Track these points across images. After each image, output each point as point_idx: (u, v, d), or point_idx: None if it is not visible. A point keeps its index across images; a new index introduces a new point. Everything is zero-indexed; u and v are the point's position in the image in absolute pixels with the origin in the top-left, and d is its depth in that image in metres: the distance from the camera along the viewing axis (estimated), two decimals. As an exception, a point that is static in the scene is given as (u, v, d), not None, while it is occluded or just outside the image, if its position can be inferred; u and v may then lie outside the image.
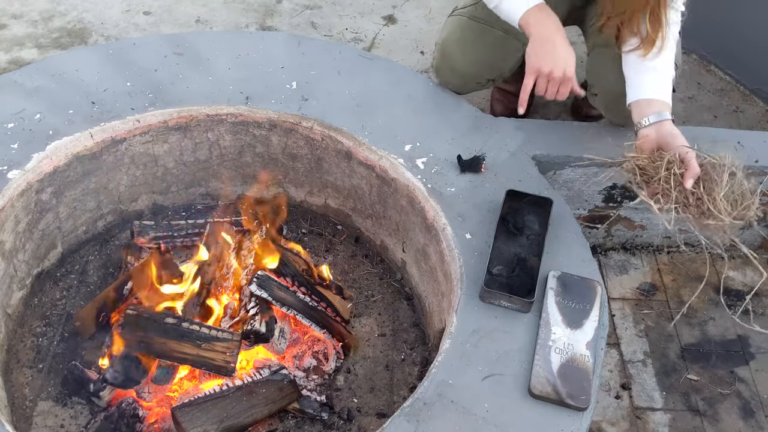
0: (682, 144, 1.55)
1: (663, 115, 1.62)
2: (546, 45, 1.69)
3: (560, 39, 1.69)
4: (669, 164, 1.52)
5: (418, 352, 1.80)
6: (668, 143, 1.57)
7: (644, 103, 1.65)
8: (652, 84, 1.66)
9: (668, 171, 1.51)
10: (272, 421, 1.63)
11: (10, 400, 1.62)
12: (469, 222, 1.66)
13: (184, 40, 2.05)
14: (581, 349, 1.44)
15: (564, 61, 1.68)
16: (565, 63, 1.68)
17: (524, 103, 1.73)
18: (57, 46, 2.64)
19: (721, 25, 2.65)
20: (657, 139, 1.60)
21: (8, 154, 1.71)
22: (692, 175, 1.49)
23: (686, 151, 1.52)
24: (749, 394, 1.85)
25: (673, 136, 1.58)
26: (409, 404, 1.35)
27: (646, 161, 1.56)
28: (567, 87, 1.71)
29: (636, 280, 2.09)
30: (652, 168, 1.55)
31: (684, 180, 1.49)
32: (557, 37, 1.69)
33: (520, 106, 1.73)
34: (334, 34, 2.79)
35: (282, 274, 1.74)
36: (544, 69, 1.69)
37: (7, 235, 1.68)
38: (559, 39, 1.69)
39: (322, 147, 1.90)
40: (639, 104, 1.66)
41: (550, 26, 1.70)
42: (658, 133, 1.60)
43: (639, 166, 1.57)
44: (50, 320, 1.79)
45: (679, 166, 1.51)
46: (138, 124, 1.83)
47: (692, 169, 1.50)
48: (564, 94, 1.73)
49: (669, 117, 1.62)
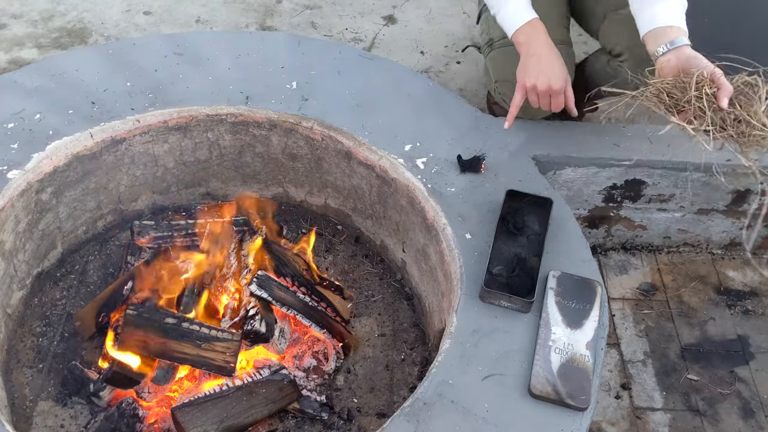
0: (707, 64, 1.48)
1: (681, 40, 1.55)
2: (532, 59, 1.70)
3: (548, 54, 1.70)
4: (699, 84, 1.42)
5: (418, 352, 1.80)
6: (691, 65, 1.49)
7: (659, 31, 1.57)
8: (664, 13, 1.59)
9: (698, 91, 1.41)
10: (272, 421, 1.63)
11: (10, 400, 1.63)
12: (469, 222, 1.66)
13: (184, 40, 2.05)
14: (581, 349, 1.44)
15: (549, 75, 1.68)
16: (550, 77, 1.68)
17: (511, 119, 1.74)
18: (57, 46, 2.64)
19: (721, 25, 2.65)
20: (678, 65, 1.51)
21: (8, 154, 1.71)
22: (726, 93, 1.41)
23: (714, 70, 1.45)
24: (749, 394, 1.85)
25: (695, 57, 1.50)
26: (409, 404, 1.35)
27: (671, 84, 1.46)
28: (558, 99, 1.71)
29: (636, 280, 2.09)
30: (679, 90, 1.45)
31: (718, 100, 1.41)
32: (544, 52, 1.69)
33: (507, 121, 1.74)
34: (334, 34, 2.79)
35: (282, 274, 1.74)
36: (528, 83, 1.69)
37: (7, 235, 1.68)
38: (547, 54, 1.70)
39: (322, 147, 1.90)
40: (654, 33, 1.58)
41: (539, 42, 1.71)
42: (679, 58, 1.52)
43: (664, 90, 1.46)
44: (50, 320, 1.79)
45: (710, 86, 1.43)
46: (138, 124, 1.83)
47: (725, 87, 1.42)
48: (557, 106, 1.73)
49: (688, 42, 1.55)
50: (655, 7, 1.60)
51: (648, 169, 1.91)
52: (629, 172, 1.92)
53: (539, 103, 1.73)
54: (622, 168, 1.91)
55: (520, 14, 1.73)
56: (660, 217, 2.07)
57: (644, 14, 1.62)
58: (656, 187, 1.96)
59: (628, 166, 1.85)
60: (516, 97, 1.73)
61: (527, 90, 1.71)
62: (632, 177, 1.94)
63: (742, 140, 1.40)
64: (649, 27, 1.60)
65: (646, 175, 1.94)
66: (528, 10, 1.74)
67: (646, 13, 1.62)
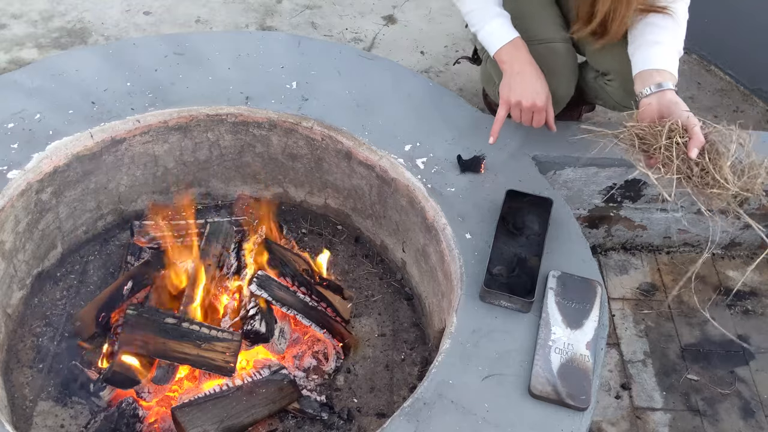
0: (684, 112, 1.48)
1: (665, 84, 1.56)
2: (516, 77, 1.72)
3: (531, 72, 1.72)
4: (671, 132, 1.44)
5: (418, 352, 1.80)
6: (670, 111, 1.50)
7: (648, 73, 1.59)
8: (657, 57, 1.61)
9: (670, 139, 1.42)
10: (272, 421, 1.63)
11: (10, 400, 1.63)
12: (469, 222, 1.66)
13: (184, 40, 2.05)
14: (581, 349, 1.44)
15: (532, 92, 1.71)
16: (533, 94, 1.71)
17: (495, 134, 1.75)
18: (57, 46, 2.64)
19: (721, 25, 2.65)
20: (658, 108, 1.53)
21: (8, 154, 1.71)
22: (697, 144, 1.42)
23: (689, 118, 1.46)
24: (749, 394, 1.85)
25: (675, 103, 1.52)
26: (409, 404, 1.35)
27: (645, 130, 1.48)
28: (540, 116, 1.74)
29: (636, 280, 2.09)
30: (651, 137, 1.46)
31: (688, 149, 1.41)
32: (528, 70, 1.72)
33: (491, 135, 1.75)
34: (334, 34, 2.79)
35: (282, 274, 1.74)
36: (513, 99, 1.71)
37: (7, 235, 1.68)
38: (530, 72, 1.72)
39: (322, 147, 1.90)
40: (643, 75, 1.60)
41: (522, 61, 1.73)
42: (660, 102, 1.53)
43: (638, 136, 1.48)
44: (50, 320, 1.79)
45: (681, 135, 1.43)
46: (138, 124, 1.83)
47: (697, 137, 1.42)
48: (539, 122, 1.75)
49: (672, 87, 1.56)
50: (650, 50, 1.63)
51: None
52: (629, 172, 1.92)
53: (521, 119, 1.75)
54: (622, 168, 1.90)
55: (501, 34, 1.74)
56: (660, 217, 2.07)
57: (639, 56, 1.65)
58: (656, 187, 1.96)
59: (628, 166, 1.85)
60: (500, 113, 1.75)
61: (511, 106, 1.73)
62: (632, 177, 1.94)
63: (704, 192, 1.41)
64: (640, 68, 1.62)
65: (646, 175, 1.93)
66: (509, 30, 1.75)
67: (641, 55, 1.64)
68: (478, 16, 1.77)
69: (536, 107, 1.72)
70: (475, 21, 1.79)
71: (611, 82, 1.91)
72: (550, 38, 1.84)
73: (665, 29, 1.64)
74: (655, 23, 1.65)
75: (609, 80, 1.91)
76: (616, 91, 1.92)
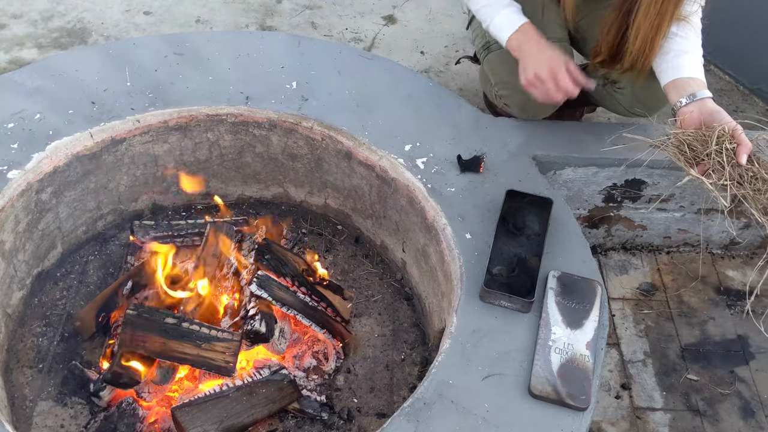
0: (729, 120, 1.50)
1: (704, 93, 1.57)
2: (528, 56, 1.71)
3: (540, 45, 1.70)
4: (720, 138, 1.44)
5: (418, 352, 1.80)
6: (713, 119, 1.51)
7: (682, 82, 1.60)
8: (688, 65, 1.62)
9: (719, 146, 1.43)
10: (272, 421, 1.63)
11: (10, 400, 1.63)
12: (469, 222, 1.66)
13: (184, 40, 2.05)
14: (581, 349, 1.44)
15: (545, 59, 1.69)
16: (546, 60, 1.69)
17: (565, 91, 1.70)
18: (57, 46, 2.64)
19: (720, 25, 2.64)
20: (700, 117, 1.54)
21: (8, 154, 1.71)
22: (746, 150, 1.43)
23: (735, 126, 1.47)
24: (749, 394, 1.85)
25: (718, 112, 1.53)
26: (409, 404, 1.35)
27: (691, 136, 1.49)
28: (563, 79, 1.68)
29: (636, 280, 2.09)
30: (699, 143, 1.47)
31: (738, 155, 1.43)
32: (537, 46, 1.71)
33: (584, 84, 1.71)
34: (334, 34, 2.79)
35: (282, 274, 1.74)
36: (530, 75, 1.70)
37: (7, 235, 1.68)
38: (539, 46, 1.70)
39: (322, 147, 1.90)
40: (676, 84, 1.61)
41: (532, 41, 1.72)
42: (701, 110, 1.54)
43: (685, 141, 1.49)
44: (50, 320, 1.79)
45: (730, 141, 1.44)
46: (138, 124, 1.83)
47: (745, 143, 1.44)
48: (566, 86, 1.69)
49: (710, 95, 1.57)
50: (679, 59, 1.63)
51: (648, 169, 1.91)
52: (629, 172, 1.92)
53: (550, 93, 1.70)
54: (622, 168, 1.91)
55: (509, 23, 1.74)
56: (660, 217, 2.07)
57: (667, 65, 1.65)
58: (656, 187, 1.96)
59: (628, 166, 1.85)
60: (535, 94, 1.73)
61: (533, 83, 1.71)
62: (632, 177, 1.94)
63: (757, 197, 1.42)
64: (672, 77, 1.62)
65: (646, 175, 1.94)
66: (518, 16, 1.75)
67: (670, 64, 1.64)
68: (487, 12, 1.78)
69: (554, 71, 1.68)
70: (485, 17, 1.79)
71: (621, 91, 1.91)
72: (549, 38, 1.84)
73: (688, 39, 1.65)
74: (678, 33, 1.66)
75: (619, 88, 1.91)
76: (626, 99, 1.92)
